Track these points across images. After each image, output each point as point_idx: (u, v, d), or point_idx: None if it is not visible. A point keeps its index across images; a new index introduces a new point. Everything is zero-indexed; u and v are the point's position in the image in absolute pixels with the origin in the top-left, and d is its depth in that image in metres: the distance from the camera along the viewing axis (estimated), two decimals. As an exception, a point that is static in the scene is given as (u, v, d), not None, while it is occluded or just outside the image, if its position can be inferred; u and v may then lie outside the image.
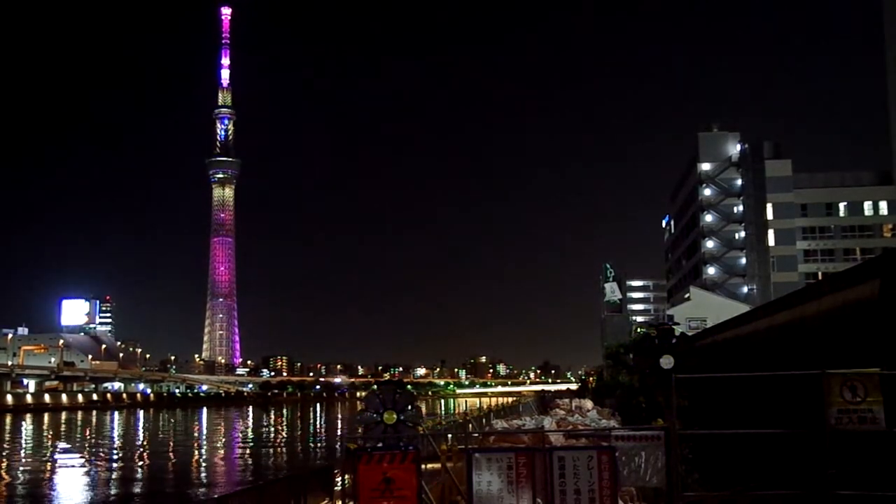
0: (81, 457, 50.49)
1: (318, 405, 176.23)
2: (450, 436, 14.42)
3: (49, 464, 45.60)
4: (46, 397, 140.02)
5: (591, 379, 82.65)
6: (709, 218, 74.68)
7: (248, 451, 55.59)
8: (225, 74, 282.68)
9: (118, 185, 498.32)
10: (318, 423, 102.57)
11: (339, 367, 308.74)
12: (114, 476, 39.71)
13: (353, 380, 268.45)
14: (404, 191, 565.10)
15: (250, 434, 76.06)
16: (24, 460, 48.34)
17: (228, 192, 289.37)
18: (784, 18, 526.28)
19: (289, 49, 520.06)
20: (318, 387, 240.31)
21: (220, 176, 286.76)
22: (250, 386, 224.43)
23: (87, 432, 77.70)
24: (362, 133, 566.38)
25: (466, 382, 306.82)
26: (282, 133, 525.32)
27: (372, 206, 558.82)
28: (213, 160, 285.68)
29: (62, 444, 61.09)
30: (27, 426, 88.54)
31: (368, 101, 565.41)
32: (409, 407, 8.34)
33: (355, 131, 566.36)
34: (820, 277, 59.32)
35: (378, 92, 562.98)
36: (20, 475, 39.79)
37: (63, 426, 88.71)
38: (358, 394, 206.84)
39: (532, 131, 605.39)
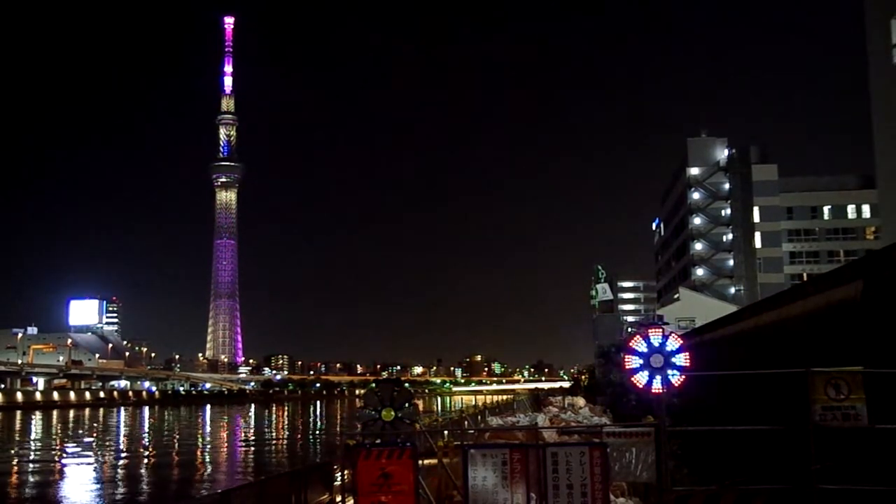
0: (89, 453, 50.69)
1: (318, 403, 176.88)
2: (446, 432, 14.57)
3: (58, 459, 45.74)
4: (55, 395, 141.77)
5: (583, 377, 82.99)
6: (697, 221, 75.40)
7: (250, 447, 55.90)
8: (228, 81, 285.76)
9: (124, 188, 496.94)
10: (318, 420, 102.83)
11: (338, 365, 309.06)
12: (120, 471, 40.09)
13: (352, 378, 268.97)
14: (403, 192, 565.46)
15: (252, 431, 76.22)
16: (33, 456, 48.56)
17: (231, 195, 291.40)
18: (771, 24, 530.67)
19: (290, 56, 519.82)
20: (318, 385, 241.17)
21: (224, 180, 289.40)
22: (252, 384, 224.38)
23: (95, 429, 77.92)
24: (362, 136, 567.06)
25: (462, 381, 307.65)
26: (283, 138, 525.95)
27: (370, 207, 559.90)
28: (217, 165, 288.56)
29: (70, 441, 61.17)
30: (36, 423, 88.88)
31: (369, 104, 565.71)
32: (407, 404, 8.51)
33: (355, 134, 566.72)
34: (805, 279, 59.99)
35: (378, 95, 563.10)
36: (30, 470, 40.10)
37: (71, 423, 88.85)
38: (357, 392, 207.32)
39: (525, 134, 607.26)
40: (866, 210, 69.48)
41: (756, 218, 70.76)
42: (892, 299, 8.65)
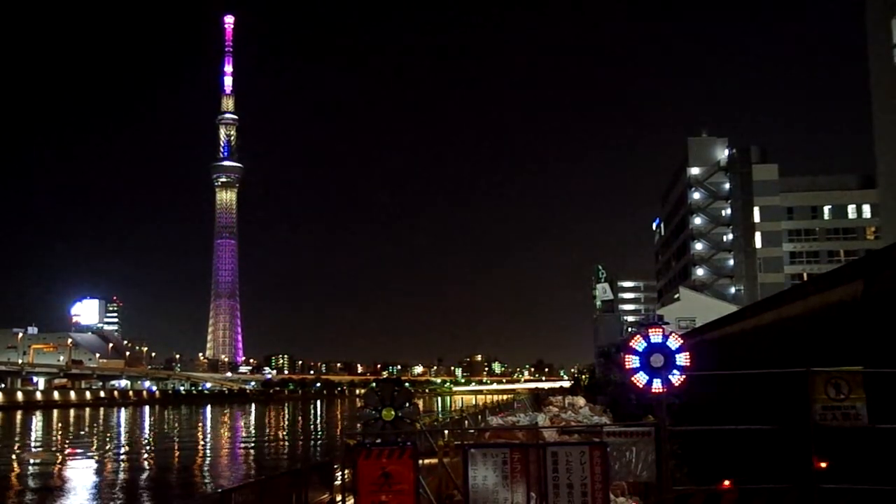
0: (90, 453, 50.86)
1: (318, 402, 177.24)
2: (446, 432, 14.60)
3: (58, 460, 45.86)
4: (56, 394, 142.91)
5: (583, 377, 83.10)
6: (698, 221, 75.47)
7: (250, 446, 56.08)
8: (228, 81, 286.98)
9: (125, 188, 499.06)
10: (318, 419, 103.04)
11: (338, 365, 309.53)
12: (121, 471, 40.19)
13: (352, 378, 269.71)
14: (403, 192, 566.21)
15: (253, 430, 76.40)
16: (34, 454, 48.79)
17: (231, 195, 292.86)
18: (772, 24, 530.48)
19: (290, 55, 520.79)
20: (318, 384, 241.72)
21: (224, 180, 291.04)
22: (252, 383, 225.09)
23: (95, 429, 78.10)
24: (362, 135, 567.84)
25: (462, 380, 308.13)
26: (284, 137, 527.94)
27: (371, 207, 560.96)
28: (217, 165, 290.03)
29: (71, 441, 61.35)
30: (37, 422, 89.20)
31: (368, 103, 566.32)
32: (407, 404, 8.53)
33: (355, 133, 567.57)
34: (805, 279, 60.01)
35: (378, 95, 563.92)
36: (31, 473, 40.23)
37: (72, 423, 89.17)
38: (357, 391, 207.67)
39: (525, 133, 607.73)
40: (867, 210, 69.47)
41: (756, 218, 70.81)
42: (892, 299, 8.65)
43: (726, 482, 8.11)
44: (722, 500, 7.82)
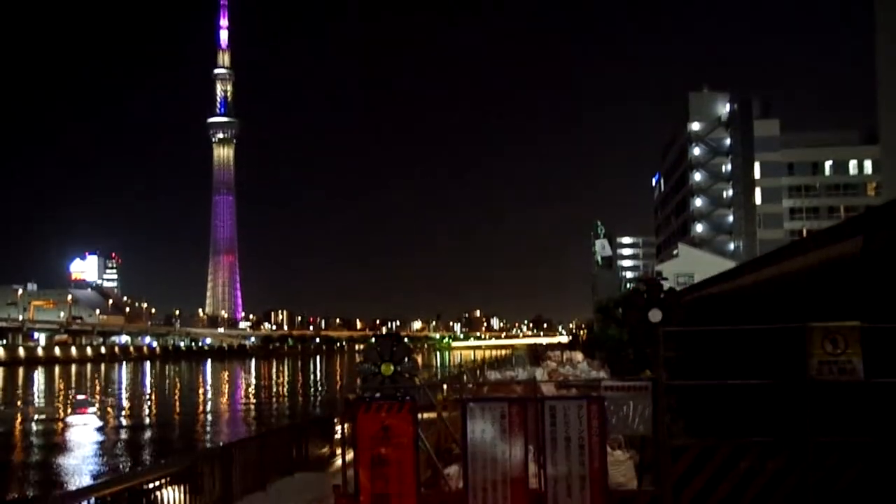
0: (92, 409, 51.59)
1: (317, 358, 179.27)
2: (445, 386, 14.76)
3: (60, 416, 46.53)
4: (56, 350, 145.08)
5: (582, 332, 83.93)
6: (698, 176, 75.11)
7: (251, 402, 56.87)
8: (224, 36, 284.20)
9: (123, 144, 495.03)
10: (318, 375, 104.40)
11: (338, 321, 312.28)
12: (122, 427, 40.63)
13: (351, 334, 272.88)
14: (402, 148, 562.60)
15: (253, 386, 77.43)
16: (37, 409, 49.50)
17: (229, 151, 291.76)
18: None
19: (287, 9, 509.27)
20: (317, 340, 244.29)
21: (221, 136, 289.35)
22: (252, 339, 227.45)
23: (97, 384, 78.91)
24: (360, 92, 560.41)
25: (461, 336, 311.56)
26: (282, 92, 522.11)
27: (371, 163, 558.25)
28: (214, 120, 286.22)
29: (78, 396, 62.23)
30: (39, 378, 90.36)
31: (366, 59, 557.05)
32: (406, 359, 8.54)
33: (354, 88, 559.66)
34: (805, 235, 60.01)
35: (376, 51, 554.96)
36: (34, 426, 40.75)
37: (73, 378, 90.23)
38: (357, 347, 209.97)
39: (525, 89, 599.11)
40: (868, 166, 69.10)
41: (757, 174, 70.49)
42: (891, 255, 8.62)
43: None
44: (717, 454, 7.93)
